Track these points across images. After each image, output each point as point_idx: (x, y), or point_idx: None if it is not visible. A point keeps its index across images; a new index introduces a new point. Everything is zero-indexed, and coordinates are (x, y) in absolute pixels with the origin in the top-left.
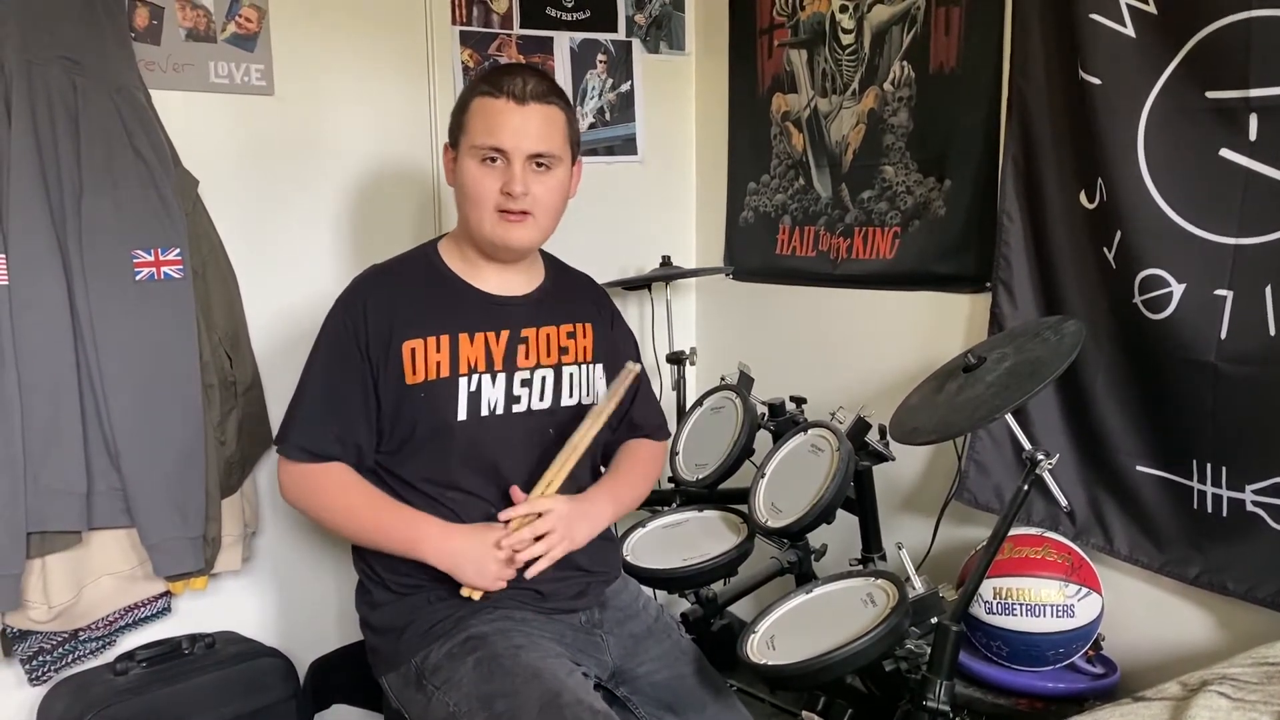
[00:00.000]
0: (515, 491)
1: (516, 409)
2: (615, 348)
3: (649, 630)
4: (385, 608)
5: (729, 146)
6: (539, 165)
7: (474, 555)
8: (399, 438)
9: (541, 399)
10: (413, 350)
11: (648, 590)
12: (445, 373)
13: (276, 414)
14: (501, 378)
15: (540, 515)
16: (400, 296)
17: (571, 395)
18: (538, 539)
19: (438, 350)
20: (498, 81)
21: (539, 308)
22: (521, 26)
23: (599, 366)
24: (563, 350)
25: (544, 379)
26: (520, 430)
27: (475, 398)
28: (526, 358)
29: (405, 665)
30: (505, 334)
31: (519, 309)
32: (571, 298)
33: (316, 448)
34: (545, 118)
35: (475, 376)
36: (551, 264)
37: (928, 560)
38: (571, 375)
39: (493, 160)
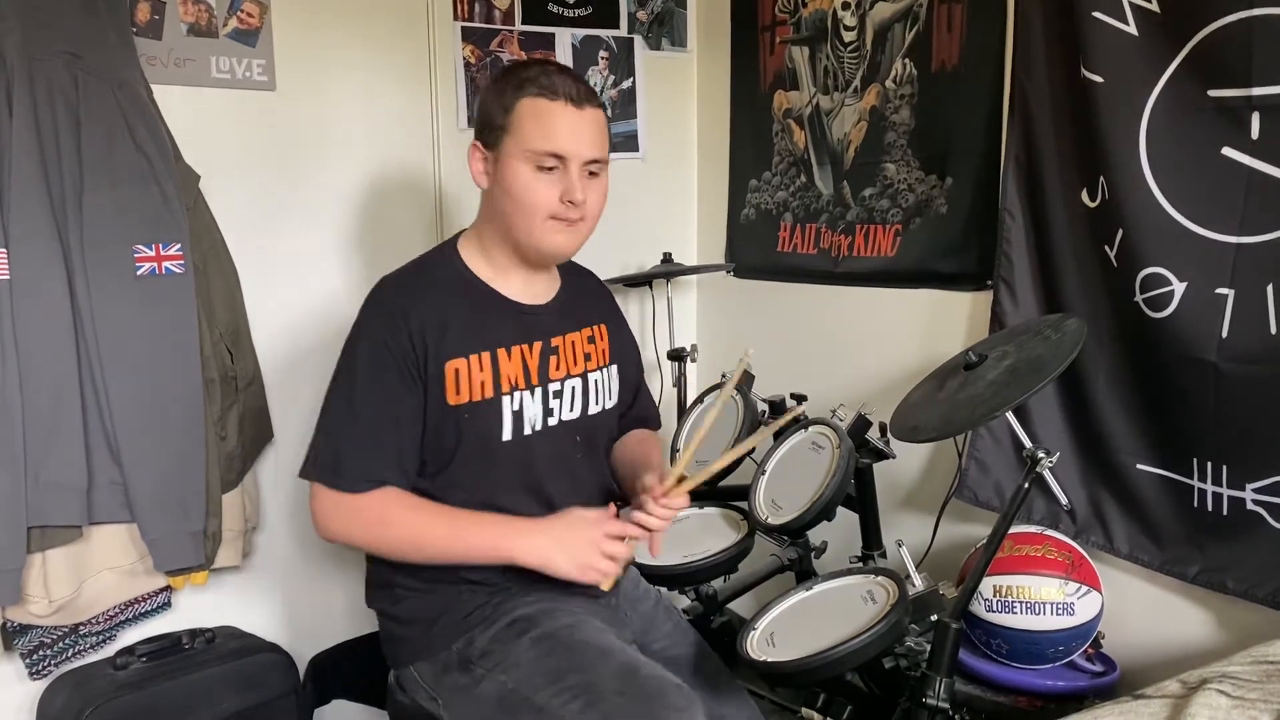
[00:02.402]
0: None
1: (551, 422)
2: (625, 346)
3: (655, 609)
4: (412, 599)
5: (730, 143)
6: (591, 172)
7: (573, 549)
8: (438, 461)
9: (571, 409)
10: (456, 370)
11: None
12: (489, 393)
13: (277, 409)
14: (539, 392)
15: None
16: (438, 310)
17: (597, 402)
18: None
19: (480, 369)
20: (548, 83)
21: (563, 314)
22: (523, 22)
23: (615, 368)
24: (586, 357)
25: (573, 389)
26: (557, 444)
27: (519, 417)
28: (557, 369)
29: (442, 652)
30: (538, 346)
31: (547, 317)
32: (587, 300)
33: (377, 474)
34: (597, 122)
35: (517, 395)
36: (562, 264)
37: (928, 558)
38: (596, 381)
39: (549, 167)
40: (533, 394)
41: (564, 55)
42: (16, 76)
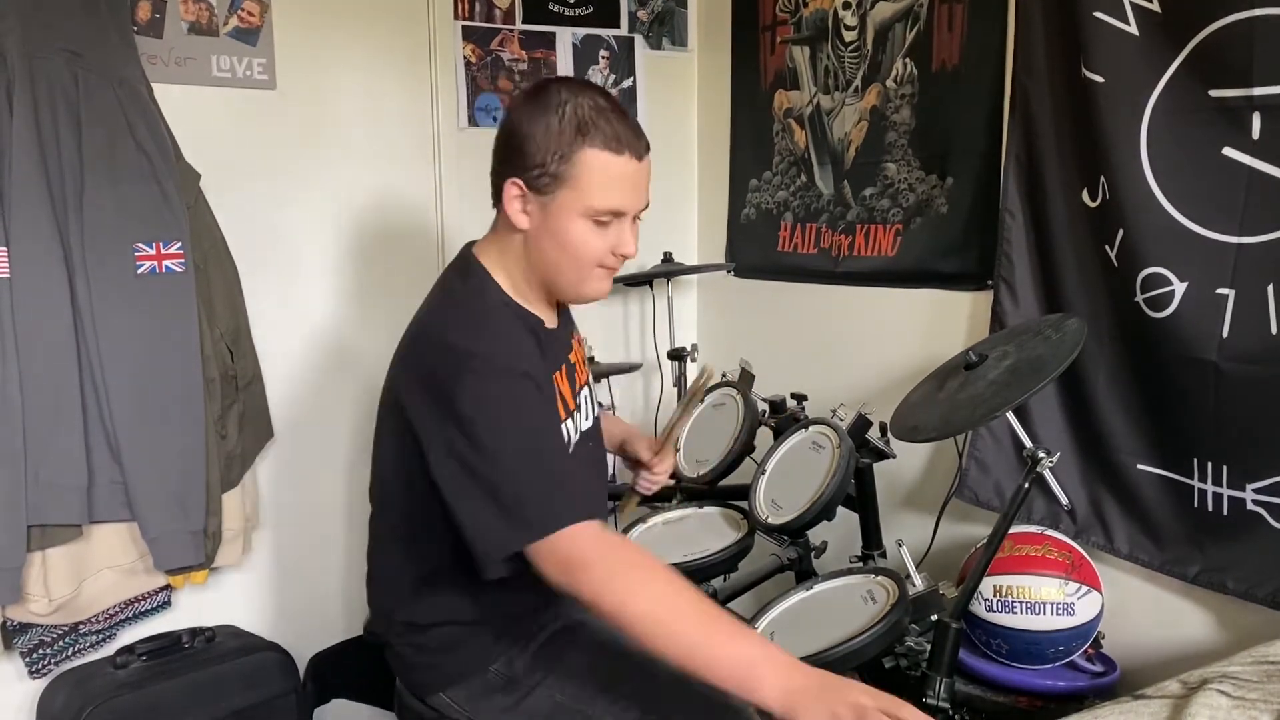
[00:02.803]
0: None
1: (583, 435)
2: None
3: None
4: (440, 628)
5: (731, 143)
6: (636, 218)
7: (834, 708)
8: None
9: (587, 419)
10: None
11: None
12: (561, 416)
13: (277, 408)
14: (575, 411)
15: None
16: (522, 350)
17: (595, 408)
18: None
19: (553, 400)
20: (613, 133)
21: (565, 330)
22: (524, 22)
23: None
24: (582, 363)
25: (585, 399)
26: (590, 456)
27: (570, 435)
28: (577, 385)
29: (477, 677)
30: (564, 366)
31: (562, 337)
32: (564, 307)
33: (587, 507)
34: (650, 168)
35: (568, 417)
36: None
37: (928, 558)
38: (591, 388)
39: (605, 221)
40: (570, 414)
41: (564, 54)
42: (17, 75)
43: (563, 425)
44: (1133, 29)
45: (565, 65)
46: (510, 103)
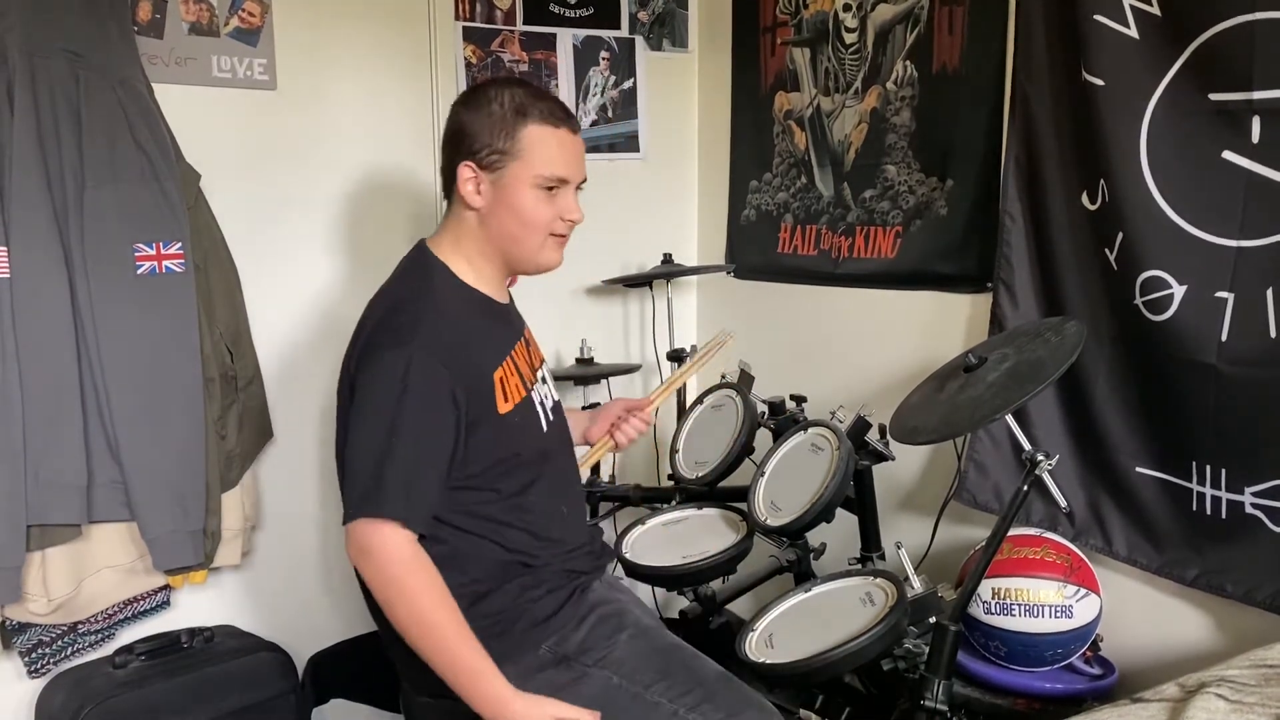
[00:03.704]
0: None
1: (549, 408)
2: None
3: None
4: (486, 603)
5: (731, 144)
6: (578, 189)
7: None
8: (476, 470)
9: (551, 393)
10: (501, 379)
11: None
12: (523, 392)
13: (277, 408)
14: (538, 384)
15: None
16: (466, 327)
17: (552, 383)
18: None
19: (511, 373)
20: (549, 110)
21: (515, 310)
22: (525, 23)
23: None
24: (535, 347)
25: (545, 375)
26: (559, 428)
27: (543, 408)
28: (534, 361)
29: (529, 654)
30: (521, 341)
31: (515, 312)
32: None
33: (421, 518)
34: (583, 146)
35: (535, 388)
36: None
37: (926, 560)
38: (549, 372)
39: (551, 189)
40: (535, 389)
41: (565, 55)
42: (18, 74)
43: (531, 394)
44: (1133, 32)
45: (566, 66)
46: (452, 106)
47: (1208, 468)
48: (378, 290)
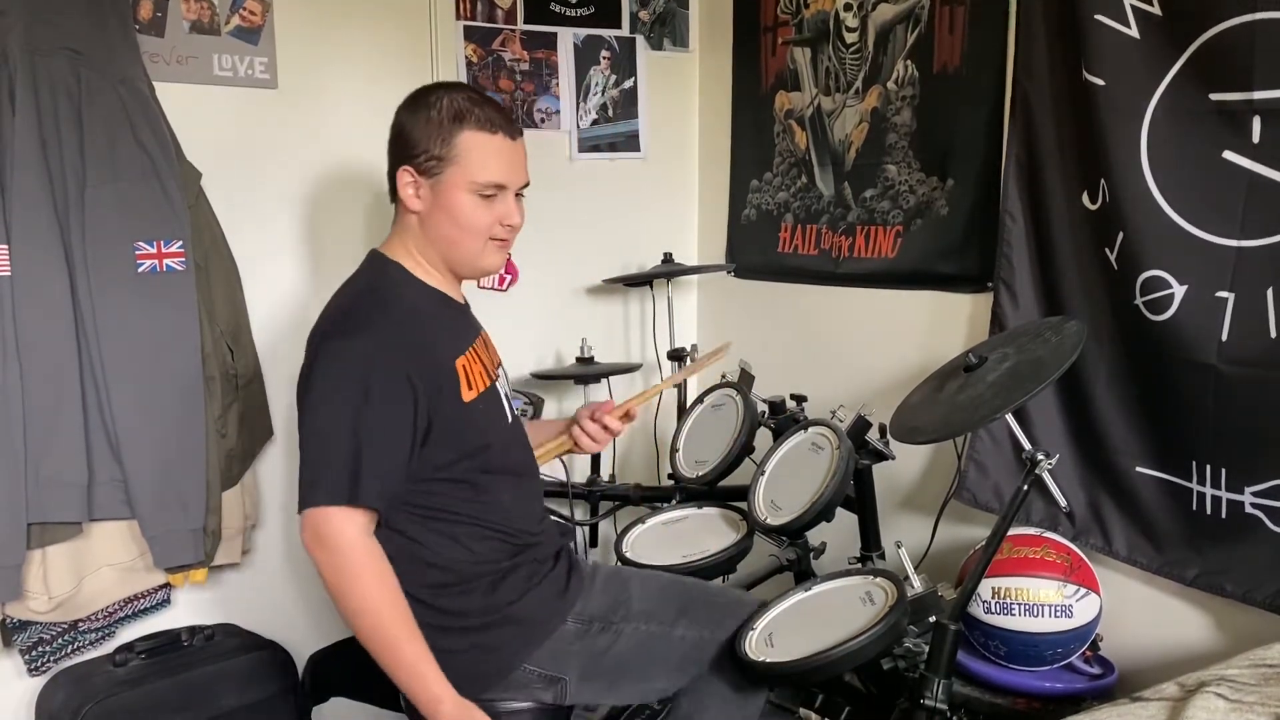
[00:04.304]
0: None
1: (511, 403)
2: None
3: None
4: (502, 610)
5: (732, 144)
6: (519, 194)
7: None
8: (446, 460)
9: (508, 390)
10: (464, 366)
11: None
12: (486, 382)
13: (277, 407)
14: (500, 379)
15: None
16: (421, 319)
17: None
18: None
19: (474, 362)
20: (485, 116)
21: (470, 312)
22: (525, 22)
23: None
24: (491, 350)
25: (503, 373)
26: (519, 424)
27: (507, 400)
28: (492, 362)
29: (559, 628)
30: (479, 338)
31: (469, 315)
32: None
33: (381, 501)
34: (524, 150)
35: (497, 381)
36: None
37: (926, 559)
38: (506, 374)
39: (489, 195)
40: (497, 381)
41: (565, 55)
42: (19, 73)
43: (495, 385)
44: (1133, 32)
45: (566, 65)
46: (397, 110)
47: (1208, 467)
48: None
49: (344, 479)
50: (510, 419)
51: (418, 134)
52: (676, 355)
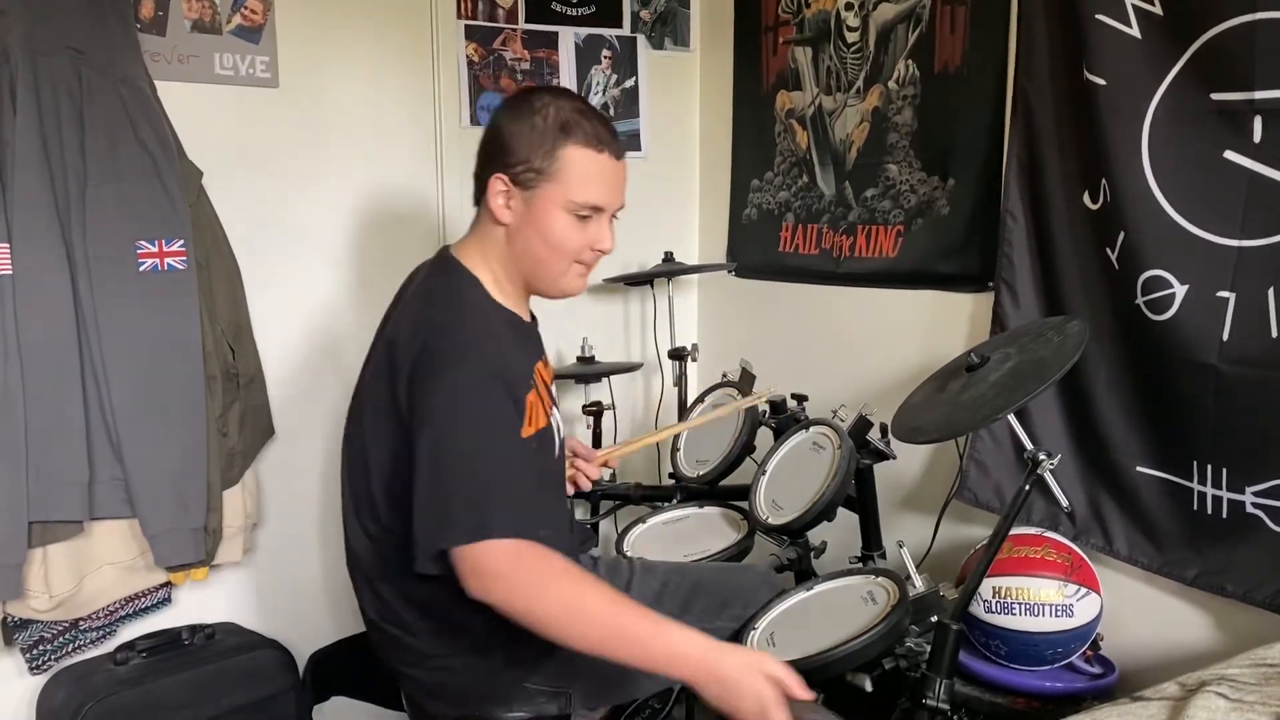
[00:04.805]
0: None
1: (560, 431)
2: None
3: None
4: (493, 632)
5: (733, 143)
6: (613, 217)
7: (752, 685)
8: None
9: (559, 420)
10: (531, 403)
11: None
12: (544, 420)
13: (278, 406)
14: (554, 406)
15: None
16: (504, 348)
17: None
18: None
19: (538, 396)
20: (593, 132)
21: (537, 328)
22: (527, 21)
23: None
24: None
25: (554, 391)
26: (562, 460)
27: (558, 431)
28: (549, 377)
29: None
30: (540, 361)
31: (537, 331)
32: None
33: (531, 527)
34: (625, 172)
35: (552, 413)
36: None
37: (927, 559)
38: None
39: (585, 216)
40: (552, 412)
41: (567, 54)
42: (20, 72)
43: (549, 417)
44: (1134, 31)
45: (568, 65)
46: (495, 109)
47: (1208, 467)
48: (403, 302)
49: (501, 509)
50: (558, 453)
51: (518, 141)
52: (677, 354)
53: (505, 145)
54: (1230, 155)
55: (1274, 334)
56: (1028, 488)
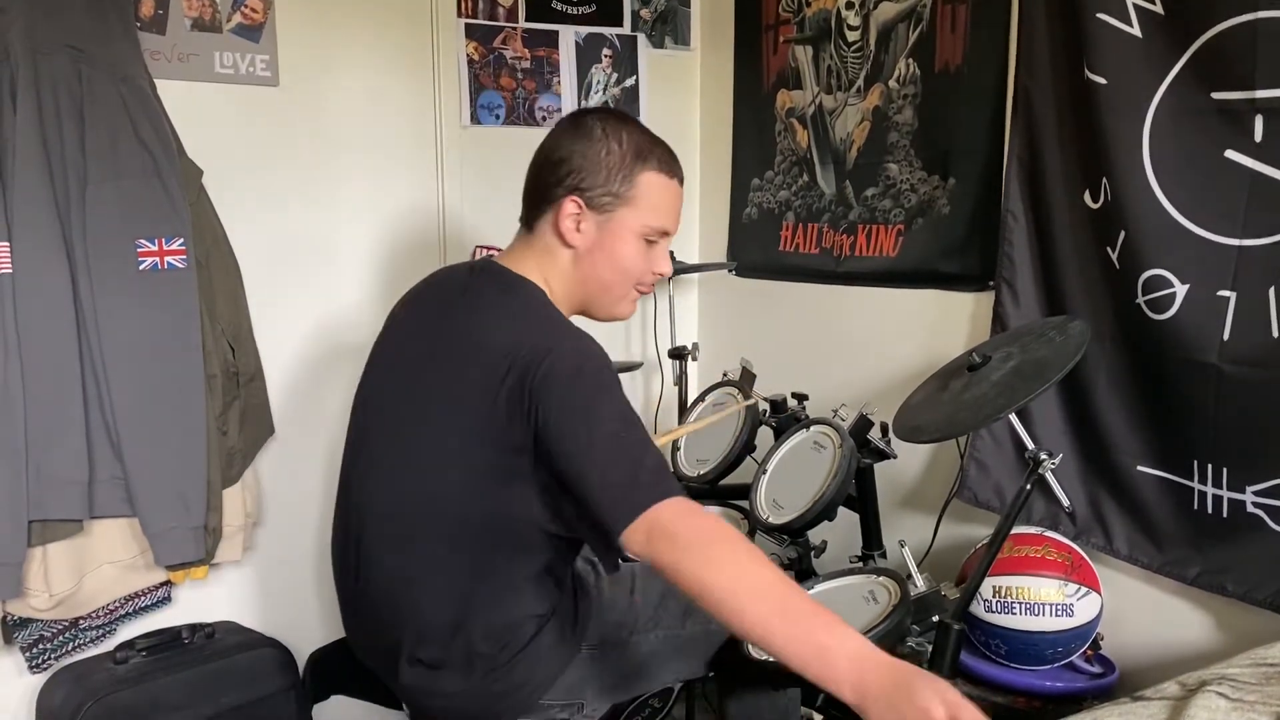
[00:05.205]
0: None
1: None
2: None
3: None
4: (525, 628)
5: (733, 142)
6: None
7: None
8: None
9: None
10: None
11: None
12: None
13: (278, 405)
14: None
15: None
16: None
17: None
18: None
19: None
20: (666, 159)
21: None
22: (527, 20)
23: None
24: None
25: None
26: None
27: None
28: None
29: (572, 664)
30: None
31: None
32: None
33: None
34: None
35: None
36: None
37: (928, 558)
38: None
39: (653, 241)
40: None
41: (567, 53)
42: (20, 70)
43: None
44: (1135, 31)
45: (568, 63)
46: (551, 133)
47: (1209, 466)
48: (475, 309)
49: (664, 475)
50: None
51: (592, 165)
52: (677, 354)
53: (576, 169)
54: (1231, 154)
55: (1275, 333)
56: (1029, 487)
